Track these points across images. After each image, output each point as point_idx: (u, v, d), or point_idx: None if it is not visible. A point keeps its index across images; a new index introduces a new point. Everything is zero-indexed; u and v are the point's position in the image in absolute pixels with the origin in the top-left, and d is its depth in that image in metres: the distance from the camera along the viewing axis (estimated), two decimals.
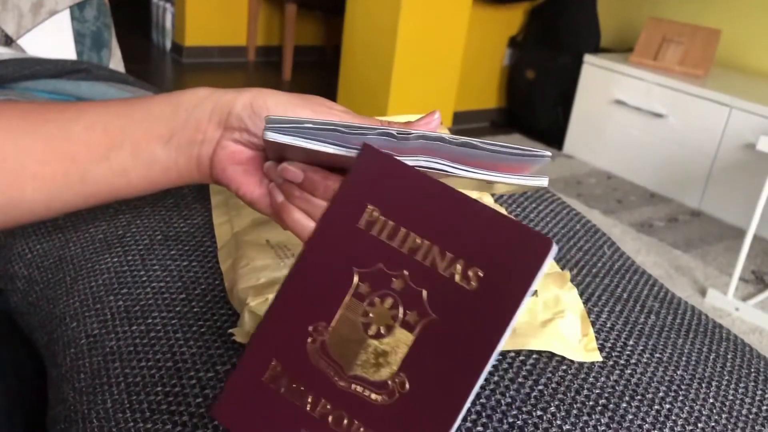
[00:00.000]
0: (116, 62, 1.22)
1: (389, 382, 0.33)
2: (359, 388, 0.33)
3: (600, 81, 2.93)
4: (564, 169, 2.93)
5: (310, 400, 0.34)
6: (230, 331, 0.44)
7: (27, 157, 0.41)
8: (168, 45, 3.93)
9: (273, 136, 0.37)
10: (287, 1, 3.48)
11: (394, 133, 0.36)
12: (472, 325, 0.31)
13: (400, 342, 0.33)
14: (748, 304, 1.92)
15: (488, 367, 0.31)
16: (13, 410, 0.51)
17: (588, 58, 2.96)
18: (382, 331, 0.33)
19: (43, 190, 0.42)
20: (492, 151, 0.37)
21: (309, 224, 0.40)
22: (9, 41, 1.06)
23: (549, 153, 0.38)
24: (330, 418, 0.34)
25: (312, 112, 0.42)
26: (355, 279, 0.34)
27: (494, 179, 0.38)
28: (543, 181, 0.38)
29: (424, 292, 0.33)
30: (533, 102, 3.25)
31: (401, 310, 0.33)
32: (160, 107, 0.43)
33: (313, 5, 3.70)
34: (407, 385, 0.32)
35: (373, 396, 0.33)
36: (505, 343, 0.40)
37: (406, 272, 0.34)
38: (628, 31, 3.25)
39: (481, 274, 0.32)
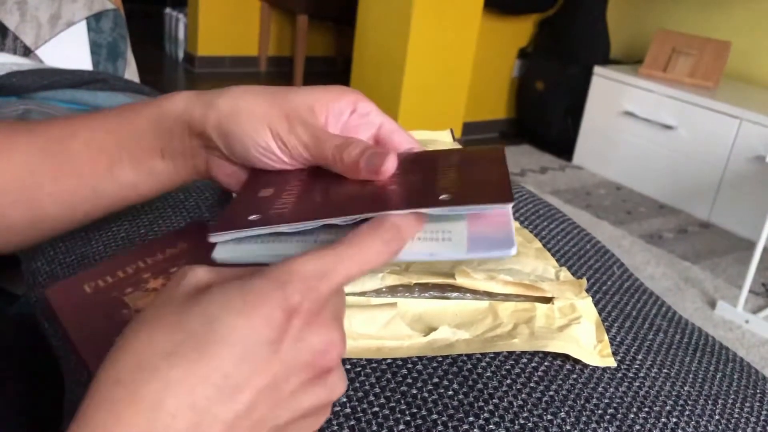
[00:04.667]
0: (131, 72, 1.23)
1: None
2: None
3: (610, 92, 2.93)
4: (573, 180, 2.93)
5: None
6: None
7: (41, 176, 0.42)
8: (181, 55, 3.96)
9: (224, 259, 0.35)
10: (299, 12, 3.51)
11: (339, 223, 0.33)
12: None
13: None
14: (759, 316, 1.92)
15: None
16: (26, 415, 0.52)
17: (598, 70, 2.97)
18: None
19: (62, 206, 0.43)
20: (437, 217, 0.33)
21: None
22: (28, 52, 1.08)
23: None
24: None
25: (287, 123, 0.39)
26: None
27: (412, 259, 0.33)
28: (501, 253, 0.32)
29: None
30: (543, 113, 3.26)
31: None
32: (144, 122, 0.42)
33: (324, 16, 3.73)
34: None
35: None
36: (524, 345, 0.41)
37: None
38: (638, 42, 3.25)
39: None
